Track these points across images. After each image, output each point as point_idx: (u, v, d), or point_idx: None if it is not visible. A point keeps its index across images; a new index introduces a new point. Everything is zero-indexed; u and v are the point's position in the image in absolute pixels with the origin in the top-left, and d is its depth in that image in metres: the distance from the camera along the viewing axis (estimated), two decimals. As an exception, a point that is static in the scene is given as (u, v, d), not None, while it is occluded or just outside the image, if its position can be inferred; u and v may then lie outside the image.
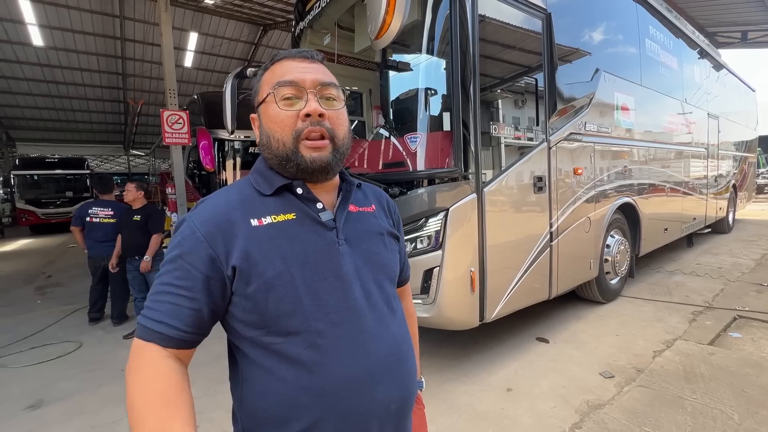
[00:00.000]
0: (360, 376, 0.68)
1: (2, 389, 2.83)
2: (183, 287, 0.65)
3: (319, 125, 0.71)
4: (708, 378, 2.44)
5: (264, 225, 0.69)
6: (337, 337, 0.68)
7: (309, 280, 0.68)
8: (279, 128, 0.71)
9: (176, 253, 0.67)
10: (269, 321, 0.67)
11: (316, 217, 0.73)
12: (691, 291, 4.15)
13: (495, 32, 2.77)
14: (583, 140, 3.32)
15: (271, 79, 0.74)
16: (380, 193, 0.93)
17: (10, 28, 11.36)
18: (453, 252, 2.34)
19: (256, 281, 0.66)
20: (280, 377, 0.66)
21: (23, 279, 6.53)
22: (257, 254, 0.67)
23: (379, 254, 0.79)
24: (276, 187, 0.73)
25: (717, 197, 6.49)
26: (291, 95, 0.71)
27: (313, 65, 0.75)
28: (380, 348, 0.72)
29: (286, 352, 0.67)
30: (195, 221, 0.68)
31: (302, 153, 0.70)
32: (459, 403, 2.32)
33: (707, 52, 6.07)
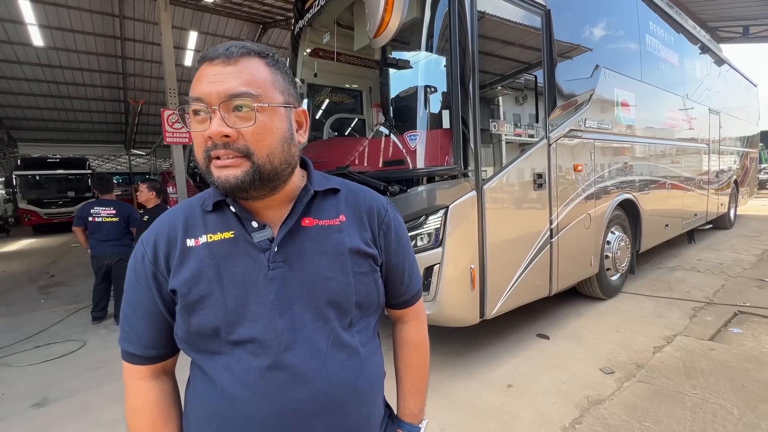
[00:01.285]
0: (269, 418, 0.62)
1: (8, 387, 2.86)
2: (142, 310, 0.69)
3: (226, 148, 0.60)
4: (708, 373, 2.45)
5: (199, 245, 0.66)
6: (251, 369, 0.62)
7: (232, 305, 0.63)
8: (196, 147, 0.64)
9: (131, 275, 0.70)
10: (196, 341, 0.66)
11: (248, 238, 0.66)
12: (692, 287, 4.16)
13: (494, 29, 2.77)
14: (583, 137, 3.32)
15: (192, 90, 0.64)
16: (363, 200, 0.77)
17: (10, 29, 11.38)
18: (453, 249, 2.35)
19: (181, 302, 0.65)
20: (202, 391, 0.68)
21: (27, 279, 6.57)
22: (186, 275, 0.65)
23: (329, 279, 0.67)
24: (211, 203, 0.68)
25: (718, 193, 6.48)
26: (199, 111, 0.62)
27: (228, 69, 0.60)
28: (304, 390, 0.63)
29: (208, 371, 0.66)
30: (144, 243, 0.70)
31: (213, 173, 0.62)
32: (460, 399, 2.34)
33: (708, 47, 6.05)
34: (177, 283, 0.65)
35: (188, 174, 7.20)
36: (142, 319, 0.69)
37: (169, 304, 0.68)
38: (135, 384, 0.71)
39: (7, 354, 3.45)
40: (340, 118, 4.07)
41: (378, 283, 0.75)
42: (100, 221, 4.04)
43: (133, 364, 0.70)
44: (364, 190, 0.80)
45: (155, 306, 0.68)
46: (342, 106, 4.22)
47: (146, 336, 0.69)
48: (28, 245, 11.09)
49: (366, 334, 0.74)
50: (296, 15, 3.66)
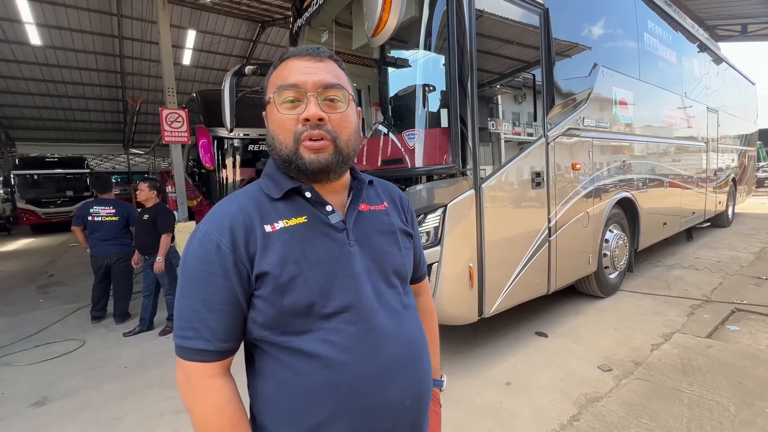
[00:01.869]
0: (374, 372, 0.70)
1: (7, 387, 2.86)
2: (218, 301, 0.67)
3: (319, 129, 0.70)
4: (705, 370, 2.46)
5: (277, 230, 0.71)
6: (351, 335, 0.70)
7: (322, 281, 0.70)
8: (281, 131, 0.72)
9: (199, 269, 0.68)
10: (284, 322, 0.69)
11: (326, 220, 0.74)
12: (690, 285, 4.17)
13: (492, 28, 2.78)
14: (581, 135, 3.33)
15: (275, 80, 0.73)
16: (392, 189, 0.92)
17: (7, 28, 11.32)
18: (452, 248, 2.36)
19: (273, 285, 0.68)
20: (296, 371, 0.69)
21: (26, 278, 6.57)
22: (273, 259, 0.68)
23: (390, 253, 0.80)
24: (285, 191, 0.74)
25: (716, 191, 6.49)
26: (293, 98, 0.70)
27: (319, 64, 0.73)
28: (393, 345, 0.74)
29: (303, 348, 0.69)
30: (215, 232, 0.69)
31: (302, 154, 0.71)
32: (458, 397, 2.35)
33: (707, 45, 6.06)
34: (268, 266, 0.68)
35: (187, 173, 7.20)
36: (217, 312, 0.67)
37: (247, 292, 0.69)
38: (207, 384, 0.68)
39: (6, 353, 3.46)
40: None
41: (414, 256, 0.91)
42: (99, 220, 4.04)
43: (205, 362, 0.68)
44: (388, 183, 0.94)
45: (233, 296, 0.68)
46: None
47: (221, 329, 0.68)
48: (26, 245, 11.07)
49: (411, 298, 0.86)
50: (295, 14, 3.65)
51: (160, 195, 3.95)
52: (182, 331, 0.69)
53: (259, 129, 6.85)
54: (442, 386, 1.00)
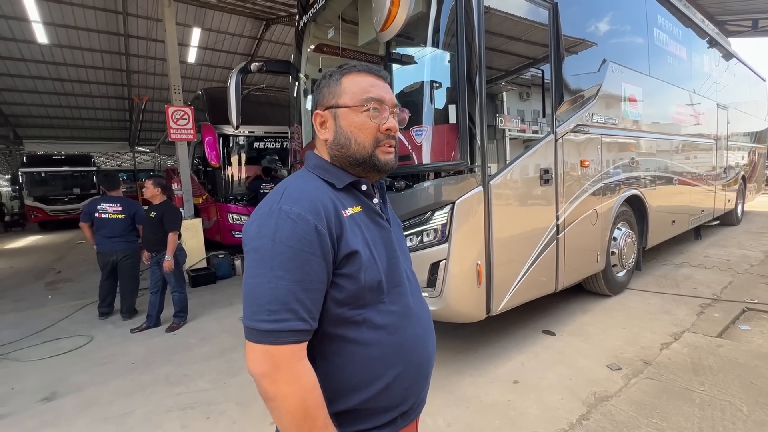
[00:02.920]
0: (421, 333, 0.88)
1: (17, 382, 2.89)
2: (316, 281, 0.72)
3: (393, 138, 0.86)
4: (716, 370, 2.43)
5: (349, 215, 0.80)
6: (404, 305, 0.85)
7: (383, 261, 0.82)
8: (364, 135, 0.83)
9: (297, 249, 0.70)
10: (359, 297, 0.77)
11: (377, 209, 0.88)
12: (699, 283, 4.12)
13: (501, 23, 2.75)
14: (590, 132, 3.29)
15: (356, 89, 0.83)
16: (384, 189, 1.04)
17: (14, 26, 11.40)
18: (459, 245, 2.34)
19: (356, 264, 0.76)
20: (366, 344, 0.78)
21: (34, 275, 6.63)
22: (359, 239, 0.78)
23: (402, 241, 0.98)
24: (346, 182, 0.84)
25: (725, 189, 6.41)
26: (377, 108, 0.83)
27: (387, 85, 0.87)
28: (424, 314, 0.92)
29: (371, 319, 0.79)
30: (310, 214, 0.73)
31: (379, 156, 0.84)
32: (466, 395, 2.34)
33: (717, 41, 5.96)
34: (357, 245, 0.77)
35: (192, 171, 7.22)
36: (314, 291, 0.72)
37: (331, 271, 0.75)
38: (301, 364, 0.72)
39: (15, 349, 3.49)
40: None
41: None
42: (106, 218, 4.06)
43: (299, 342, 0.71)
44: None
45: (327, 275, 0.74)
46: None
47: (315, 308, 0.73)
48: (34, 242, 11.18)
49: None
50: (300, 11, 3.64)
51: (165, 192, 3.96)
52: (275, 314, 0.69)
53: (264, 126, 6.85)
54: None
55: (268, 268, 0.70)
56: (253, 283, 0.71)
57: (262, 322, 0.69)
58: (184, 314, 3.90)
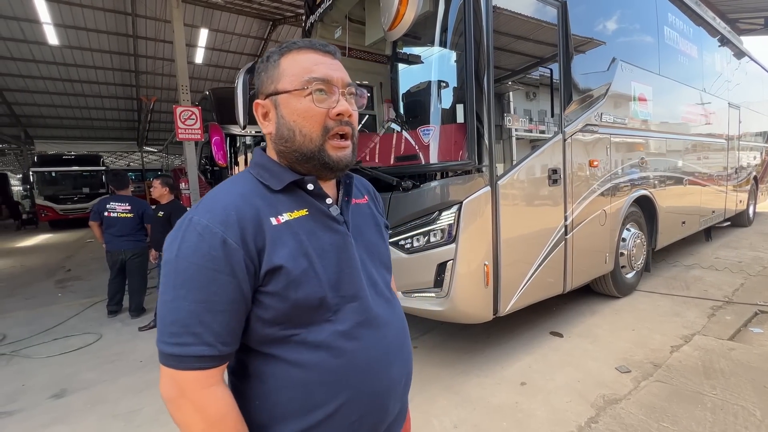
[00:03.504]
0: (380, 357, 0.74)
1: (28, 378, 2.93)
2: (223, 301, 0.62)
3: (347, 125, 0.72)
4: (728, 374, 2.39)
5: (282, 223, 0.68)
6: (358, 323, 0.72)
7: (330, 273, 0.70)
8: (308, 123, 0.70)
9: (201, 267, 0.61)
10: (294, 316, 0.67)
11: (327, 212, 0.74)
12: (710, 285, 4.06)
13: (509, 23, 2.72)
14: (599, 132, 3.25)
15: (297, 70, 0.71)
16: (367, 184, 0.94)
17: (26, 28, 11.58)
18: (466, 245, 2.33)
19: (281, 280, 0.65)
20: (303, 366, 0.67)
21: (44, 273, 6.72)
22: (287, 251, 0.66)
23: (377, 245, 0.83)
24: (286, 183, 0.71)
25: (737, 189, 6.31)
26: (323, 89, 0.70)
27: (336, 62, 0.75)
28: (390, 330, 0.78)
29: (310, 339, 0.68)
30: (218, 225, 0.63)
31: (329, 152, 0.71)
32: (472, 397, 2.32)
33: (728, 39, 5.87)
34: (281, 260, 0.65)
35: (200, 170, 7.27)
36: (221, 313, 0.62)
37: (252, 288, 0.66)
38: (207, 393, 0.63)
39: (26, 346, 3.54)
40: (351, 113, 4.05)
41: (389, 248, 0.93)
42: (115, 216, 4.10)
43: (206, 369, 0.62)
44: (361, 177, 0.94)
45: (240, 294, 0.63)
46: None
47: (225, 331, 0.63)
48: (45, 240, 11.34)
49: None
50: (307, 11, 3.64)
51: (173, 192, 3.99)
52: (176, 337, 0.61)
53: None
54: None
55: (171, 286, 0.62)
56: (160, 301, 0.64)
57: (164, 344, 0.62)
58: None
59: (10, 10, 10.78)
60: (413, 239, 2.42)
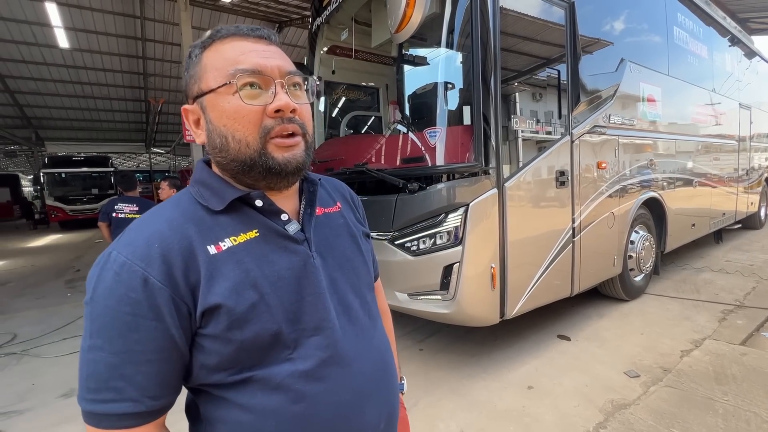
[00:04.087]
0: (349, 399, 0.62)
1: (37, 378, 2.96)
2: (147, 350, 0.53)
3: (291, 122, 0.59)
4: (740, 379, 2.35)
5: (224, 250, 0.57)
6: (323, 361, 0.60)
7: (286, 304, 0.59)
8: (241, 126, 0.57)
9: (123, 310, 0.52)
10: (244, 358, 0.57)
11: (282, 231, 0.62)
12: (721, 289, 4.00)
13: (516, 23, 2.71)
14: (607, 133, 3.22)
15: (220, 63, 0.58)
16: (341, 186, 0.82)
17: (37, 31, 11.79)
18: (473, 248, 2.32)
19: (227, 319, 0.55)
20: (258, 413, 0.57)
21: (54, 273, 6.81)
22: (225, 287, 0.55)
23: (354, 260, 0.71)
24: (229, 200, 0.60)
25: (748, 191, 6.21)
26: (254, 83, 0.58)
27: (270, 47, 0.61)
28: (366, 365, 0.65)
29: (266, 383, 0.57)
30: (138, 261, 0.53)
31: (272, 153, 0.58)
32: (479, 400, 2.31)
33: (739, 39, 5.79)
34: (219, 297, 0.55)
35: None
36: (146, 363, 0.53)
37: (188, 332, 0.56)
38: None
39: (36, 345, 3.58)
40: (357, 115, 4.06)
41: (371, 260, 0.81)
42: (123, 217, 4.14)
43: (132, 427, 0.53)
44: (335, 179, 0.84)
45: (169, 341, 0.54)
46: (359, 103, 4.21)
47: (152, 384, 0.54)
48: (54, 240, 11.50)
49: (376, 305, 0.77)
50: (314, 13, 3.66)
51: None
52: (94, 393, 0.52)
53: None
54: (403, 389, 0.90)
55: (88, 334, 0.53)
56: (80, 349, 0.55)
57: (83, 400, 0.54)
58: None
59: (22, 13, 10.97)
60: (419, 241, 2.41)
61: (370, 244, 0.82)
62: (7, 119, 16.69)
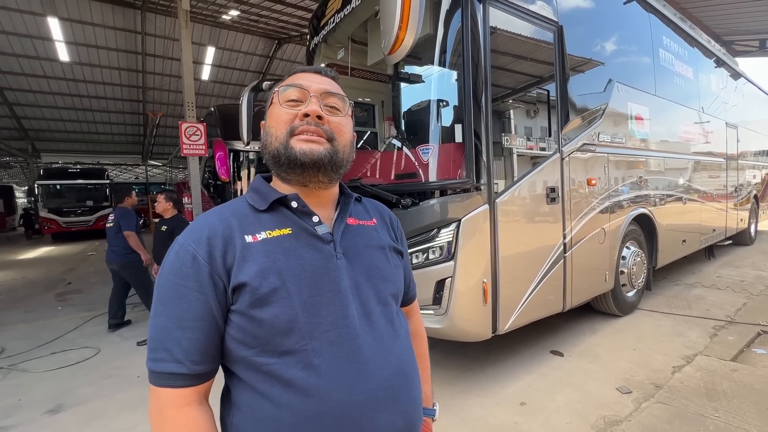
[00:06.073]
0: (361, 400, 0.64)
1: (24, 393, 2.91)
2: (191, 318, 0.62)
3: (316, 126, 0.70)
4: (731, 395, 2.36)
5: (259, 241, 0.67)
6: (336, 357, 0.64)
7: (306, 295, 0.65)
8: (276, 125, 0.71)
9: (173, 283, 0.63)
10: (264, 339, 0.63)
11: (312, 230, 0.71)
12: (712, 305, 4.03)
13: (506, 44, 2.80)
14: (596, 151, 3.30)
15: (281, 86, 0.75)
16: (382, 208, 0.90)
17: (39, 45, 11.92)
18: (465, 263, 2.34)
19: (251, 297, 0.63)
20: (276, 401, 0.62)
21: (45, 285, 6.72)
22: (252, 269, 0.64)
23: (380, 268, 0.76)
24: (270, 201, 0.71)
25: (737, 208, 6.32)
26: (296, 98, 0.71)
27: (324, 79, 0.76)
28: (382, 370, 0.67)
29: (281, 374, 0.63)
30: (192, 243, 0.65)
31: (293, 145, 0.69)
32: (472, 416, 2.29)
33: (724, 60, 5.99)
34: (246, 277, 0.63)
35: (203, 184, 7.35)
36: (190, 329, 0.62)
37: (223, 306, 0.64)
38: (179, 413, 0.62)
39: (24, 360, 3.52)
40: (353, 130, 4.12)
41: (405, 276, 0.87)
42: (107, 227, 4.15)
43: (177, 387, 0.62)
44: (378, 202, 0.92)
45: (208, 311, 0.63)
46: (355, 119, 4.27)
47: (194, 349, 0.62)
48: (46, 253, 11.37)
49: (403, 318, 0.82)
50: (312, 32, 3.76)
51: (177, 206, 4.03)
52: (153, 353, 0.62)
53: (274, 142, 6.98)
54: (434, 416, 0.91)
55: (154, 303, 0.65)
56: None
57: (147, 359, 0.64)
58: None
59: (24, 27, 11.12)
60: (412, 256, 2.43)
61: (403, 263, 0.87)
62: (4, 131, 16.70)
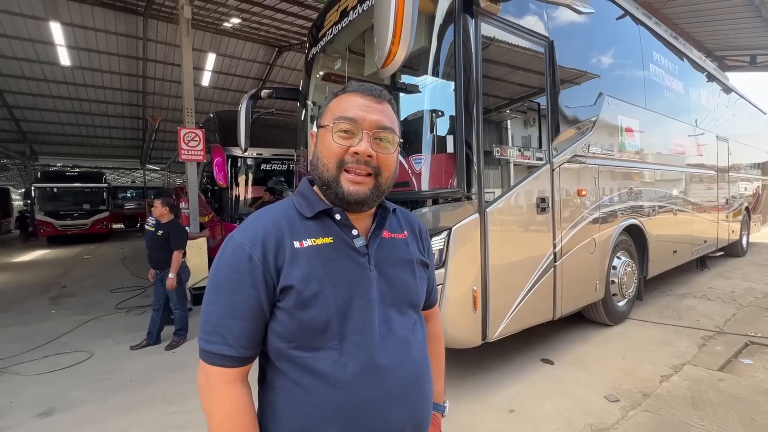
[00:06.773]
0: (378, 396, 0.74)
1: (15, 396, 2.91)
2: (244, 309, 0.72)
3: (365, 164, 0.75)
4: (716, 404, 2.39)
5: (305, 247, 0.75)
6: (360, 358, 0.74)
7: (340, 301, 0.74)
8: (328, 154, 0.77)
9: (231, 277, 0.72)
10: (301, 336, 0.73)
11: (350, 243, 0.79)
12: (702, 315, 4.08)
13: (498, 59, 2.88)
14: (586, 162, 3.37)
15: (335, 109, 0.78)
16: (413, 219, 0.96)
17: (40, 49, 12.00)
18: (455, 270, 2.39)
19: (295, 299, 0.72)
20: (306, 389, 0.72)
21: (39, 289, 6.70)
22: (298, 275, 0.72)
23: (405, 282, 0.83)
24: (317, 211, 0.78)
25: (729, 220, 6.40)
26: (348, 129, 0.76)
27: (378, 105, 0.78)
28: (399, 371, 0.77)
29: (313, 366, 0.72)
30: (248, 243, 0.73)
31: (342, 184, 0.76)
32: (461, 423, 2.32)
33: (714, 76, 6.12)
34: (293, 280, 0.72)
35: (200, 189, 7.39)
36: (242, 320, 0.72)
37: (271, 302, 0.73)
38: (226, 388, 0.73)
39: (16, 363, 3.52)
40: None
41: (427, 285, 0.94)
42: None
43: (226, 367, 0.72)
44: (409, 212, 0.99)
45: (258, 305, 0.72)
46: None
47: (244, 336, 0.72)
48: (41, 256, 11.32)
49: (421, 325, 0.89)
50: (310, 42, 3.84)
51: (173, 211, 4.06)
52: (208, 335, 0.73)
53: (272, 149, 7.04)
54: (444, 411, 1.01)
55: (209, 291, 0.74)
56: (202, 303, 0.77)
57: (201, 340, 0.74)
58: (184, 332, 3.92)
59: (26, 31, 11.21)
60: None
61: (428, 274, 0.94)
62: (2, 133, 16.70)
